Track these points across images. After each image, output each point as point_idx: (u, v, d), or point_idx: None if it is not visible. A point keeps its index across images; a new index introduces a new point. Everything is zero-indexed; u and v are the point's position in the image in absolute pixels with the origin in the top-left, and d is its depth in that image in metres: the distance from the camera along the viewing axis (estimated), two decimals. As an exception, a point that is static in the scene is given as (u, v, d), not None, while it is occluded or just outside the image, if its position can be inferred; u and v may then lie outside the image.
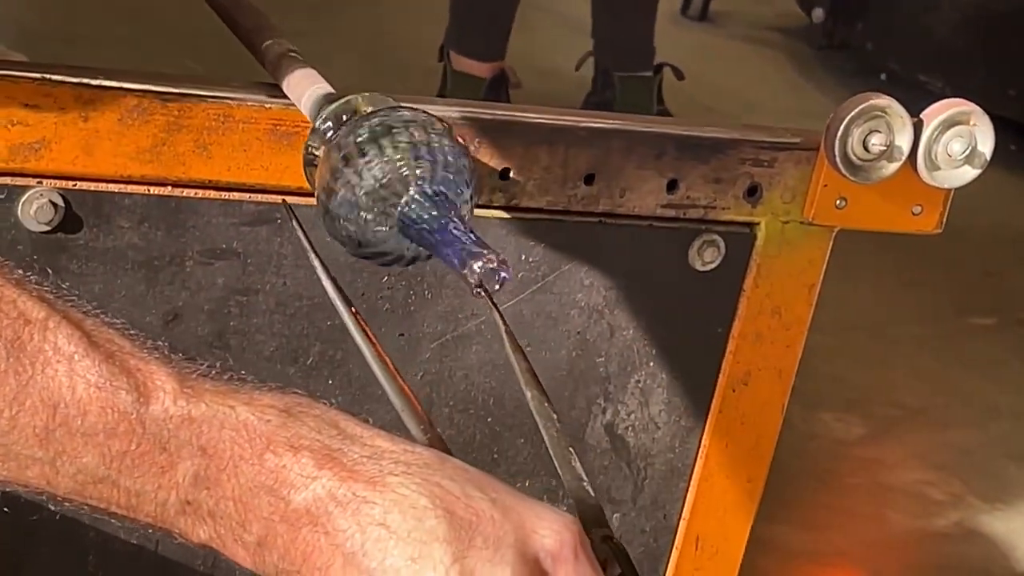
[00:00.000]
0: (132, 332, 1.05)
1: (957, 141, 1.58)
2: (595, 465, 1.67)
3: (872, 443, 3.87)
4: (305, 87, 1.39)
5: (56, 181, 1.43)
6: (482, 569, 0.97)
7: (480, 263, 1.17)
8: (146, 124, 1.42)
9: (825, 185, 1.60)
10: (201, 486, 1.00)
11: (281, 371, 1.55)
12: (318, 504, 0.98)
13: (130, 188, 1.44)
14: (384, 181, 1.22)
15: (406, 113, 1.26)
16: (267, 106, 1.46)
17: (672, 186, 1.58)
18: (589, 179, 1.55)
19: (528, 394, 1.21)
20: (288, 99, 1.46)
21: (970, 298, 4.55)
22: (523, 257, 1.58)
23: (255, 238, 1.49)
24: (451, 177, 1.24)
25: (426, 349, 1.58)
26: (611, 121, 1.58)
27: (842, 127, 1.56)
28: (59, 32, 4.66)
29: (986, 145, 1.59)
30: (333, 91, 1.37)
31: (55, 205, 1.43)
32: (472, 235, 1.21)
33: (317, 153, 1.30)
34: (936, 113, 1.58)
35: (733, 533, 1.75)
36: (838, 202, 1.62)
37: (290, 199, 1.40)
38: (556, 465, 1.19)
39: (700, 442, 1.69)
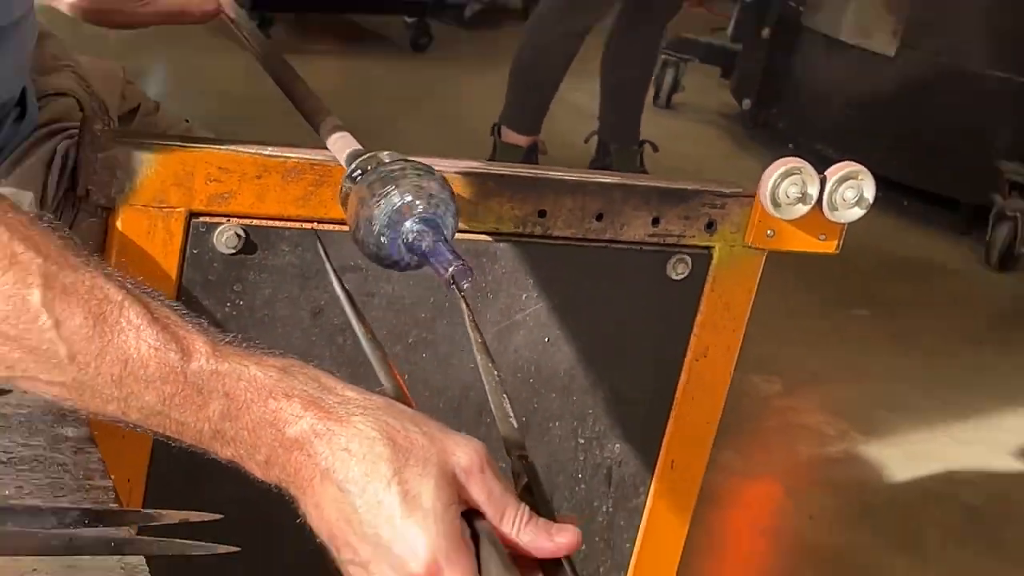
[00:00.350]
0: (272, 323, 1.07)
1: (849, 190, 1.58)
2: (603, 411, 1.67)
3: (786, 397, 3.85)
4: (344, 146, 1.37)
5: (239, 219, 1.43)
6: (413, 480, 0.98)
7: (453, 268, 1.18)
8: (300, 181, 1.42)
9: (759, 220, 1.60)
10: (225, 420, 1.01)
11: (390, 349, 1.54)
12: (303, 435, 1.00)
13: (289, 224, 1.44)
14: (392, 212, 1.22)
15: (408, 165, 1.25)
16: (381, 168, 1.46)
17: (655, 222, 1.57)
18: (599, 217, 1.55)
19: (479, 358, 1.18)
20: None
21: (851, 298, 4.53)
22: (553, 269, 1.57)
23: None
24: (439, 208, 1.23)
25: (489, 333, 1.58)
26: (614, 178, 1.57)
27: (771, 180, 1.56)
28: (233, 118, 4.67)
29: (869, 193, 1.58)
30: (362, 148, 1.34)
31: (239, 235, 1.43)
32: (451, 249, 1.21)
33: (350, 192, 1.28)
34: (836, 171, 1.58)
35: (696, 457, 1.73)
36: (768, 232, 1.61)
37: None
38: (492, 407, 1.17)
39: (674, 395, 1.68)
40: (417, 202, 1.22)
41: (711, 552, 3.08)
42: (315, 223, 1.45)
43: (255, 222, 1.42)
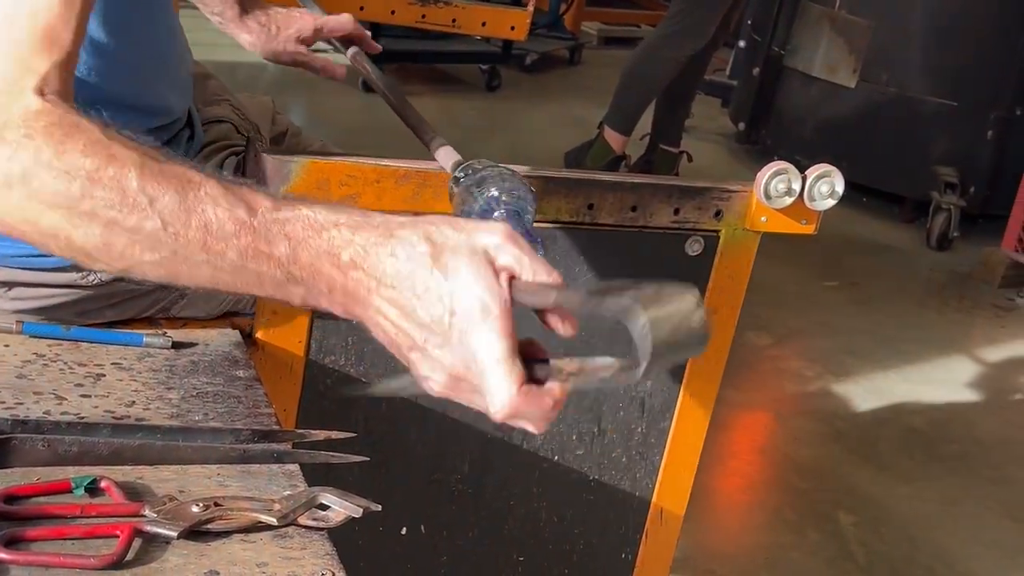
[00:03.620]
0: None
1: (824, 185, 1.56)
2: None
3: (775, 347, 3.82)
4: (447, 157, 1.38)
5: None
6: (451, 261, 0.87)
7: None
8: (408, 184, 1.43)
9: (755, 210, 1.59)
10: (291, 262, 0.90)
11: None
12: (356, 255, 0.89)
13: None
14: (487, 202, 1.23)
15: (497, 169, 1.27)
16: (469, 174, 1.46)
17: (677, 212, 1.57)
18: (634, 208, 1.55)
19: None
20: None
21: (823, 272, 4.49)
22: (599, 249, 1.57)
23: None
24: (521, 203, 1.24)
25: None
26: (646, 179, 1.57)
27: (764, 179, 1.55)
28: (349, 145, 4.68)
29: (840, 188, 1.57)
30: (462, 158, 1.34)
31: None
32: (526, 232, 1.21)
33: (454, 191, 1.29)
34: (814, 171, 1.56)
35: (708, 391, 1.72)
36: (762, 219, 1.60)
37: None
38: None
39: (692, 344, 1.67)
40: (503, 197, 1.23)
41: (719, 465, 3.07)
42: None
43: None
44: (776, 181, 1.55)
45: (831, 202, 1.57)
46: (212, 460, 1.11)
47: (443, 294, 0.87)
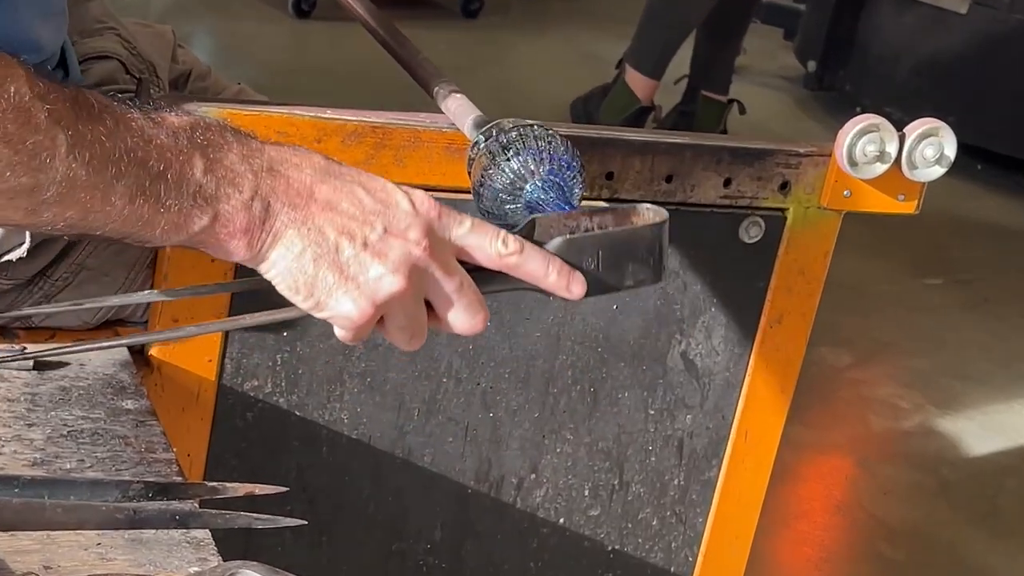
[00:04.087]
0: None
1: (930, 148, 1.57)
2: (673, 381, 1.67)
3: (856, 368, 3.84)
4: (466, 114, 1.40)
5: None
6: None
7: None
8: (360, 144, 1.43)
9: (836, 180, 1.59)
10: (209, 169, 1.04)
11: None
12: (278, 151, 1.08)
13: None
14: (516, 174, 1.24)
15: (533, 130, 1.27)
16: (443, 130, 1.46)
17: (727, 183, 1.57)
18: (669, 179, 1.55)
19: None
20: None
21: (923, 265, 4.50)
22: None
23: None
24: (564, 172, 1.26)
25: (555, 301, 1.57)
26: (684, 138, 1.57)
27: (848, 138, 1.55)
28: (278, 87, 4.68)
29: (950, 151, 1.57)
30: (484, 115, 1.37)
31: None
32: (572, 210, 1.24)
33: (474, 158, 1.30)
34: (915, 128, 1.57)
35: (771, 428, 1.73)
36: (845, 192, 1.60)
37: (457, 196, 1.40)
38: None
39: (747, 364, 1.68)
40: (541, 167, 1.25)
41: (784, 528, 3.07)
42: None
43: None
44: (864, 142, 1.55)
45: (939, 170, 1.58)
46: (90, 524, 1.10)
47: (389, 182, 1.09)
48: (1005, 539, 3.18)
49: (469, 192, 1.43)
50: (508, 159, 1.26)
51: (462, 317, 1.11)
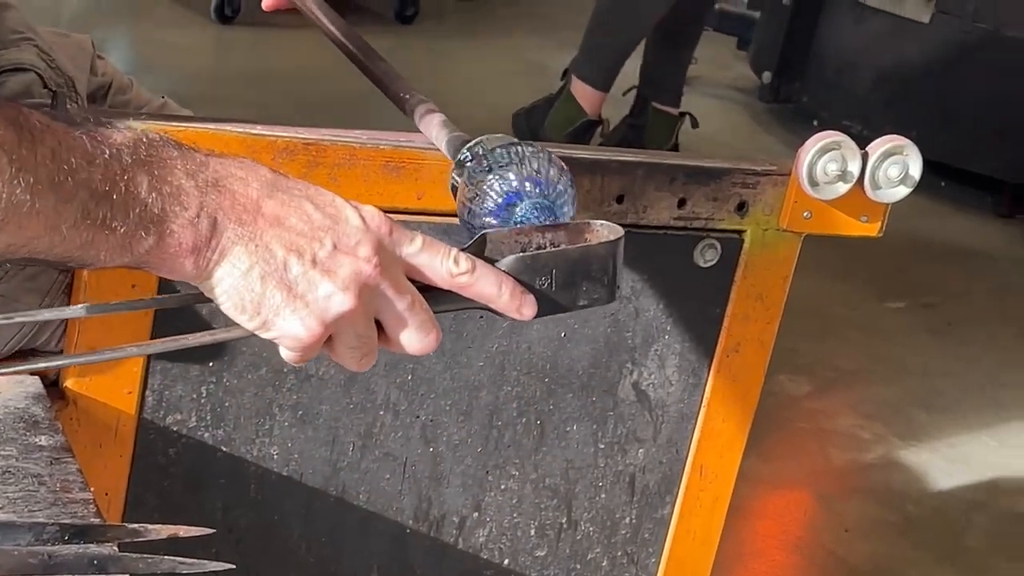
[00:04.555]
0: None
1: (894, 167, 1.58)
2: (624, 413, 1.67)
3: (816, 397, 3.85)
4: (444, 133, 1.41)
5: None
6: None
7: None
8: (292, 162, 1.43)
9: (795, 201, 1.60)
10: (155, 186, 1.05)
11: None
12: (222, 165, 1.09)
13: (280, 210, 1.44)
14: (504, 196, 1.25)
15: (520, 148, 1.29)
16: (381, 147, 1.46)
17: (682, 203, 1.58)
18: (620, 199, 1.55)
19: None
20: (397, 141, 1.46)
21: (886, 288, 4.53)
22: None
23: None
24: (554, 192, 1.27)
25: (499, 330, 1.58)
26: (636, 156, 1.58)
27: (808, 156, 1.56)
28: (202, 97, 4.67)
29: (915, 170, 1.59)
30: (464, 134, 1.38)
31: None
32: None
33: (459, 180, 1.31)
34: (879, 146, 1.58)
35: (727, 463, 1.74)
36: (805, 214, 1.61)
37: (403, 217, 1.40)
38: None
39: (703, 395, 1.69)
40: (527, 186, 1.26)
41: (740, 567, 3.08)
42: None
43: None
44: (826, 160, 1.56)
45: (904, 190, 1.59)
46: (1, 570, 1.09)
47: (339, 197, 1.10)
48: (972, 578, 3.20)
49: (407, 212, 1.44)
50: (495, 181, 1.27)
51: (414, 337, 1.12)
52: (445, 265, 1.13)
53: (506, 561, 1.69)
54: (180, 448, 1.51)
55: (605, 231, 1.20)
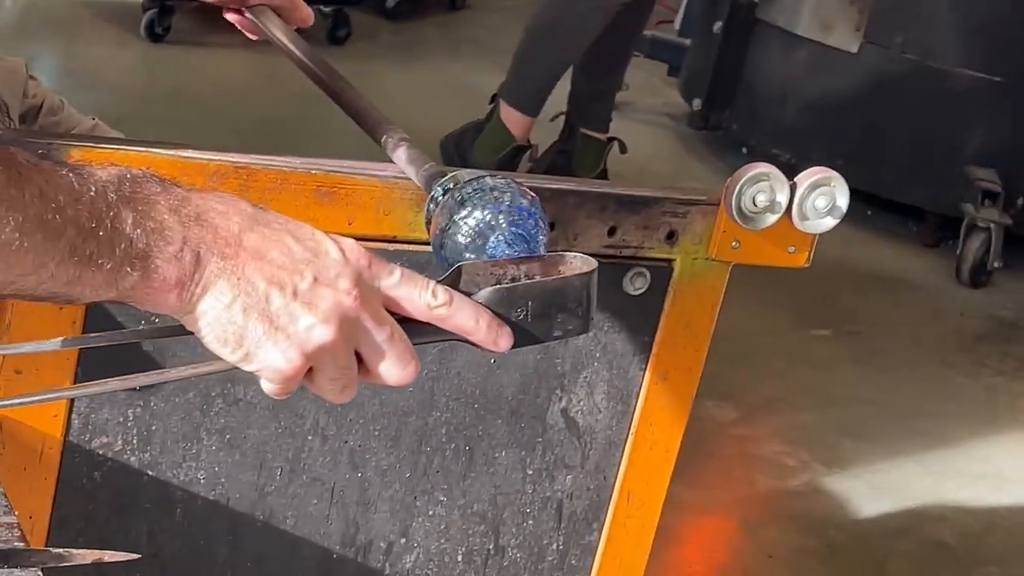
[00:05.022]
0: None
1: (822, 199, 1.59)
2: (553, 439, 1.68)
3: (742, 424, 3.87)
4: (419, 165, 1.43)
5: (156, 228, 1.42)
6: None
7: None
8: (222, 185, 1.42)
9: (724, 231, 1.61)
10: (139, 222, 1.06)
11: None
12: (203, 200, 1.10)
13: (211, 233, 1.44)
14: (477, 230, 1.27)
15: (491, 181, 1.31)
16: (312, 172, 1.46)
17: (612, 232, 1.58)
18: (551, 226, 1.55)
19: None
20: (327, 166, 1.47)
21: (811, 315, 4.56)
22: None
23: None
24: (527, 223, 1.30)
25: (428, 355, 1.58)
26: (567, 184, 1.58)
27: (737, 187, 1.57)
28: (131, 116, 4.64)
29: (843, 201, 1.60)
30: (436, 166, 1.41)
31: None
32: None
33: (433, 212, 1.34)
34: (807, 177, 1.59)
35: (654, 490, 1.75)
36: (733, 244, 1.62)
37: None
38: None
39: (631, 422, 1.69)
40: (499, 219, 1.29)
41: (665, 594, 3.09)
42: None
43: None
44: (754, 191, 1.57)
45: (831, 222, 1.60)
46: (-77, 595, 1.09)
47: (318, 232, 1.12)
48: (895, 605, 3.23)
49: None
50: (468, 215, 1.29)
51: (393, 368, 1.14)
52: (423, 298, 1.14)
53: (433, 587, 1.69)
54: (106, 471, 1.50)
55: (579, 263, 1.22)
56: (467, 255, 1.27)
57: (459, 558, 1.69)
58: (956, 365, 4.48)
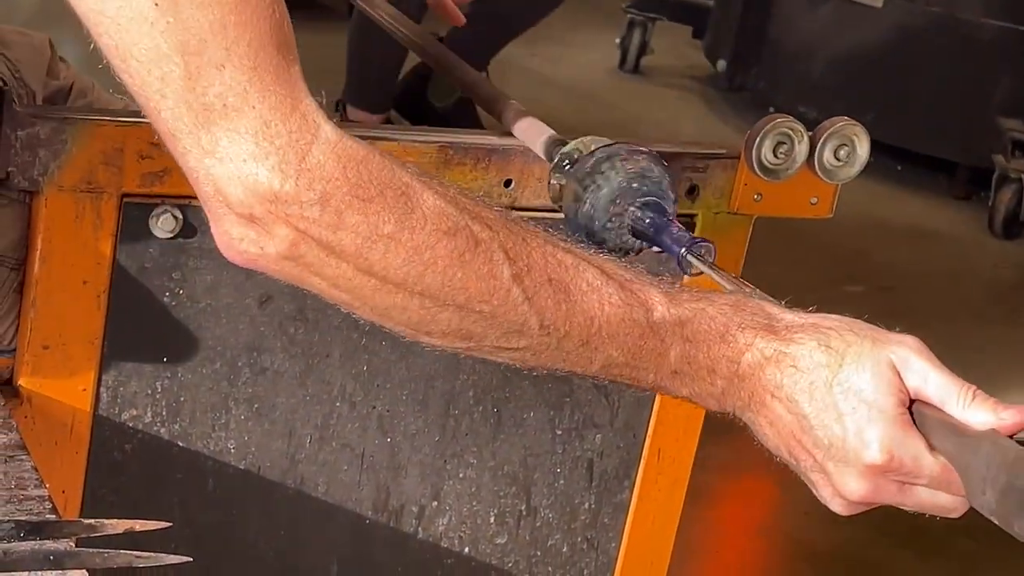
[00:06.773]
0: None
1: (843, 148, 1.59)
2: (581, 399, 1.68)
3: (776, 382, 3.86)
4: (537, 133, 1.46)
5: (176, 200, 1.43)
6: (852, 377, 1.12)
7: (688, 245, 1.34)
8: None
9: (745, 184, 1.61)
10: (684, 361, 1.16)
11: (347, 335, 1.56)
12: (756, 362, 1.15)
13: (231, 203, 1.44)
14: (608, 201, 1.32)
15: (621, 148, 1.32)
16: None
17: (633, 188, 1.59)
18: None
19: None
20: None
21: (844, 272, 4.55)
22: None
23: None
24: (658, 189, 1.35)
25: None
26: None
27: (758, 140, 1.57)
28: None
29: (864, 151, 1.59)
30: (561, 137, 1.44)
31: (175, 218, 1.44)
32: (680, 228, 1.36)
33: (559, 182, 1.37)
34: (826, 128, 1.59)
35: (684, 447, 1.75)
36: (755, 197, 1.62)
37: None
38: None
39: (659, 379, 1.69)
40: (633, 184, 1.33)
41: (702, 553, 3.09)
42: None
43: (193, 203, 1.40)
44: (774, 143, 1.57)
45: (853, 172, 1.60)
46: (-43, 568, 1.10)
47: (844, 416, 1.13)
48: (932, 558, 3.22)
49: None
50: (601, 181, 1.33)
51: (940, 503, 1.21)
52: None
53: (466, 549, 1.69)
54: (136, 444, 1.51)
55: None
56: (604, 223, 1.32)
57: (491, 520, 1.70)
58: (990, 317, 4.47)
